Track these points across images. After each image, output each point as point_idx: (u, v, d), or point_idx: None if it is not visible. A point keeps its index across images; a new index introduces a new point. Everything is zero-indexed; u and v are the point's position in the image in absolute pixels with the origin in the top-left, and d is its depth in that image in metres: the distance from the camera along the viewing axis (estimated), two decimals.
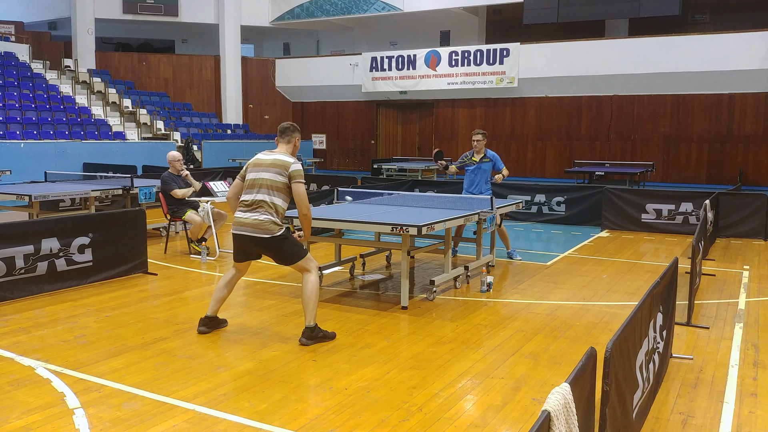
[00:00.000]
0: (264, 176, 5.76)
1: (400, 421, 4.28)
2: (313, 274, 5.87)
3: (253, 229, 5.73)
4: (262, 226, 5.71)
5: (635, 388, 3.78)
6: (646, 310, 3.99)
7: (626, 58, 22.05)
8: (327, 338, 5.92)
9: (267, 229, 5.71)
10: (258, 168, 5.83)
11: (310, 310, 5.83)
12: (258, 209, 5.73)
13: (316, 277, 5.90)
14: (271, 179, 5.74)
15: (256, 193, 5.76)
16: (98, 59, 27.47)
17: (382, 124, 28.28)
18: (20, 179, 16.35)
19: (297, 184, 5.72)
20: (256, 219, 5.72)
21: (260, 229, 5.71)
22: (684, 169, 22.31)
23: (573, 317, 6.79)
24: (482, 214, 7.97)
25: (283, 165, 5.75)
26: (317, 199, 11.83)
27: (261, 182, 5.76)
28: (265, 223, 5.70)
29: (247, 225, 5.75)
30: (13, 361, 5.33)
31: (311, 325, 5.85)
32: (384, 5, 26.30)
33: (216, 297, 6.14)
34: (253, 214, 5.74)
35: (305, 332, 5.85)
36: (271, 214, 5.72)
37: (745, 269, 9.28)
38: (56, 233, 7.60)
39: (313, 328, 5.85)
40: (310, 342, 5.80)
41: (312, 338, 5.83)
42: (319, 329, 5.90)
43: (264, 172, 5.78)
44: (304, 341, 5.80)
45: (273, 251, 5.86)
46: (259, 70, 29.74)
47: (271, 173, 5.75)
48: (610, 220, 12.79)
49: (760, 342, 6.00)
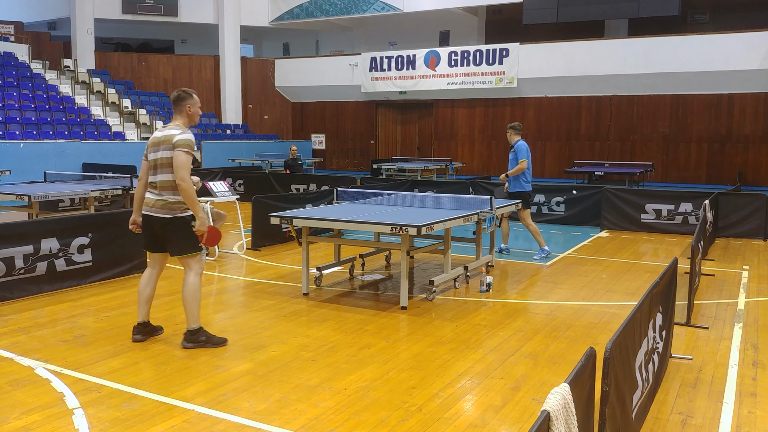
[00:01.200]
0: (160, 155, 5.59)
1: (400, 421, 4.28)
2: (194, 273, 5.70)
3: (155, 209, 5.61)
4: (163, 205, 5.58)
5: (635, 388, 3.78)
6: (645, 310, 4.00)
7: (625, 58, 22.05)
8: (211, 343, 5.72)
9: (168, 208, 5.58)
10: (154, 148, 5.65)
11: (191, 310, 5.67)
12: (161, 190, 5.59)
13: (199, 280, 5.72)
14: (165, 157, 5.55)
15: (157, 174, 5.61)
16: (98, 59, 27.47)
17: (381, 125, 28.28)
18: (20, 179, 16.34)
19: (177, 152, 5.47)
20: (158, 199, 5.59)
21: (162, 209, 5.58)
22: (683, 170, 22.32)
23: (572, 317, 6.79)
24: (481, 214, 7.97)
25: (168, 139, 5.54)
26: (317, 199, 11.82)
27: (159, 161, 5.60)
28: (167, 201, 5.57)
29: (150, 206, 5.63)
30: (13, 361, 5.33)
31: (193, 327, 5.71)
32: (383, 5, 26.30)
33: (141, 300, 5.88)
34: (159, 196, 5.60)
35: (186, 335, 5.74)
36: (174, 193, 5.55)
37: (745, 269, 9.28)
38: (56, 233, 7.60)
39: (196, 330, 5.72)
40: (191, 345, 5.67)
41: (193, 341, 5.69)
42: (203, 332, 5.76)
43: (158, 152, 5.60)
44: (185, 344, 5.70)
45: (171, 234, 5.64)
46: (259, 70, 29.74)
47: (164, 151, 5.56)
48: (609, 220, 12.79)
49: (760, 342, 6.00)
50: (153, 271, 5.93)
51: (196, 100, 5.75)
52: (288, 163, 19.06)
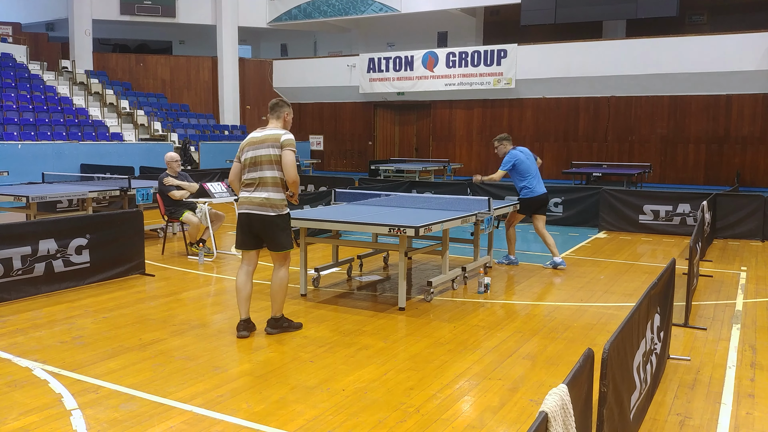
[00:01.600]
0: (261, 152, 5.87)
1: (398, 422, 4.28)
2: (285, 269, 6.08)
3: (259, 207, 5.86)
4: (267, 203, 5.86)
5: (633, 389, 3.79)
6: (643, 311, 4.00)
7: (624, 59, 22.08)
8: (292, 328, 6.21)
9: (273, 206, 5.87)
10: (253, 146, 5.93)
11: (277, 301, 6.11)
12: (262, 187, 5.87)
13: (287, 272, 6.12)
14: (268, 153, 5.85)
15: (258, 171, 5.88)
16: (96, 60, 27.46)
17: (379, 125, 28.28)
18: (18, 180, 16.35)
19: (286, 151, 5.81)
20: (260, 197, 5.86)
21: (266, 207, 5.86)
22: (681, 170, 22.34)
23: (570, 318, 6.79)
24: (479, 215, 7.97)
25: (275, 138, 5.86)
26: (315, 200, 11.82)
27: (260, 159, 5.87)
28: (271, 199, 5.86)
29: (254, 204, 5.88)
30: (11, 362, 5.33)
31: (277, 315, 6.16)
32: (381, 6, 26.31)
33: (241, 297, 6.10)
34: (259, 192, 5.87)
35: (270, 321, 6.17)
36: (277, 190, 5.87)
37: (743, 270, 9.29)
38: (54, 234, 7.59)
39: (279, 318, 6.17)
40: (275, 331, 6.10)
41: (277, 327, 6.13)
42: (284, 319, 6.20)
43: (260, 149, 5.87)
44: (269, 330, 6.12)
45: (271, 232, 5.93)
46: (257, 71, 29.74)
47: (267, 148, 5.85)
48: (607, 221, 12.80)
49: (758, 343, 6.01)
50: (249, 268, 6.17)
51: (291, 110, 6.16)
52: None
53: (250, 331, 6.13)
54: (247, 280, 6.11)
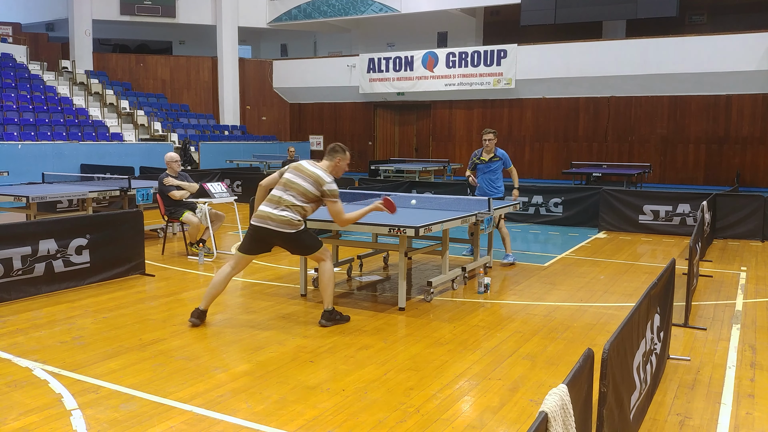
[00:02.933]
0: (300, 183, 6.24)
1: (398, 422, 4.28)
2: (327, 262, 6.43)
3: (278, 224, 6.17)
4: (287, 222, 6.18)
5: (632, 390, 3.79)
6: (643, 312, 4.00)
7: (623, 60, 22.09)
8: (343, 320, 6.47)
9: (291, 225, 6.19)
10: (297, 173, 6.31)
11: (327, 295, 6.42)
12: (285, 207, 6.19)
13: (331, 265, 6.47)
14: (305, 187, 6.23)
15: (286, 193, 6.24)
16: (96, 60, 27.47)
17: (379, 126, 28.29)
18: (18, 180, 16.36)
19: (330, 203, 6.25)
20: (281, 216, 6.18)
21: (285, 225, 6.18)
22: (681, 171, 22.35)
23: (570, 318, 6.79)
24: (479, 215, 7.97)
25: (318, 181, 6.23)
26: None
27: (295, 186, 6.24)
28: (291, 220, 6.18)
29: (273, 220, 6.19)
30: (11, 363, 5.33)
31: (329, 308, 6.42)
32: (381, 6, 26.32)
33: (210, 293, 6.40)
34: (280, 211, 6.19)
35: (324, 314, 6.42)
36: (297, 213, 6.21)
37: (743, 270, 9.29)
38: (54, 234, 7.59)
39: (331, 311, 6.42)
40: (329, 323, 6.37)
41: (330, 320, 6.39)
42: (336, 312, 6.45)
43: (301, 180, 6.25)
44: (323, 323, 6.38)
45: (292, 244, 6.36)
46: (257, 71, 29.74)
47: (307, 183, 6.23)
48: (607, 222, 12.80)
49: (758, 343, 6.01)
50: (232, 271, 6.47)
51: (347, 157, 6.55)
52: (286, 164, 19.04)
53: (202, 320, 6.40)
54: (224, 281, 6.41)
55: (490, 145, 9.68)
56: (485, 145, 9.70)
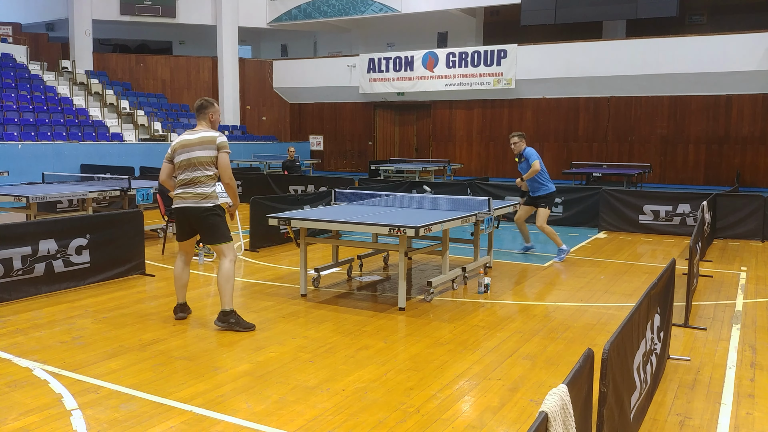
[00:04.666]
0: (196, 155, 6.10)
1: (398, 423, 4.28)
2: (229, 260, 6.21)
3: (193, 200, 6.13)
4: (201, 197, 6.12)
5: (633, 390, 3.79)
6: (643, 312, 4.00)
7: (623, 60, 22.09)
8: (240, 327, 6.18)
9: (207, 199, 6.13)
10: (187, 148, 6.15)
11: (225, 294, 6.18)
12: (197, 185, 6.12)
13: (232, 265, 6.23)
14: (203, 155, 6.10)
15: (192, 171, 6.13)
16: (96, 60, 27.46)
17: (379, 126, 28.28)
18: (18, 180, 16.36)
19: (223, 153, 6.10)
20: (195, 192, 6.12)
21: (200, 199, 6.12)
22: (681, 171, 22.35)
23: (570, 318, 6.79)
24: (479, 215, 7.97)
25: (210, 140, 6.10)
26: (315, 200, 11.82)
27: (195, 161, 6.11)
28: (205, 194, 6.12)
29: (188, 198, 6.14)
30: (11, 363, 5.33)
31: (226, 309, 6.19)
32: (381, 6, 26.31)
33: (178, 285, 6.56)
34: (194, 188, 6.13)
35: (219, 315, 6.24)
36: (209, 186, 6.15)
37: (743, 270, 9.29)
38: (54, 234, 7.59)
39: (228, 312, 6.19)
40: (223, 325, 6.18)
41: (224, 322, 6.18)
42: (234, 315, 6.21)
43: (195, 151, 6.11)
44: (217, 323, 6.23)
45: (205, 225, 6.19)
46: (257, 71, 29.74)
47: (201, 150, 6.09)
48: (607, 222, 12.80)
49: (758, 343, 6.01)
50: (185, 258, 6.55)
51: (217, 108, 6.36)
52: (286, 164, 19.07)
53: (187, 313, 6.62)
54: (184, 269, 6.51)
55: (515, 148, 9.90)
56: (512, 149, 9.99)
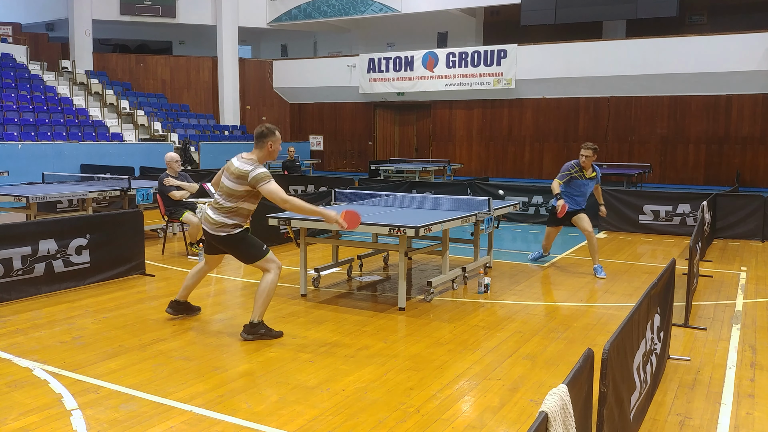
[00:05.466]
0: (225, 183, 6.01)
1: (398, 423, 4.28)
2: (271, 273, 6.05)
3: (213, 227, 6.01)
4: (219, 226, 5.98)
5: (633, 390, 3.79)
6: (643, 312, 4.00)
7: (623, 60, 22.09)
8: (269, 336, 6.03)
9: (224, 227, 5.97)
10: (226, 174, 6.03)
11: (258, 306, 6.02)
12: (218, 211, 6.00)
13: (275, 278, 6.05)
14: (229, 187, 5.95)
15: (219, 197, 6.05)
16: (96, 60, 27.46)
17: (379, 126, 28.28)
18: (18, 180, 16.36)
19: (263, 187, 5.81)
20: (216, 219, 5.98)
21: (219, 228, 5.99)
22: (681, 171, 22.35)
23: (570, 318, 6.79)
24: (479, 215, 7.97)
25: (241, 176, 5.87)
26: (315, 200, 11.82)
27: (223, 188, 6.02)
28: (224, 223, 5.96)
29: (210, 223, 6.04)
30: (11, 363, 5.33)
31: (255, 320, 6.02)
32: (381, 7, 26.31)
33: (186, 284, 6.58)
34: (217, 215, 6.00)
35: (245, 327, 6.05)
36: (229, 215, 5.94)
37: (743, 270, 9.29)
38: (54, 234, 7.59)
39: (257, 324, 6.03)
40: (250, 337, 5.99)
41: (252, 333, 6.00)
42: (262, 326, 6.05)
43: (228, 181, 5.98)
44: (244, 335, 6.00)
45: (231, 249, 6.13)
46: (257, 71, 29.74)
47: (232, 183, 5.93)
48: (607, 222, 12.79)
49: (758, 343, 6.01)
50: (205, 267, 6.55)
51: (278, 138, 6.08)
52: (286, 164, 19.06)
53: (178, 312, 6.60)
54: (197, 273, 6.53)
55: (587, 162, 8.85)
56: (583, 162, 8.86)
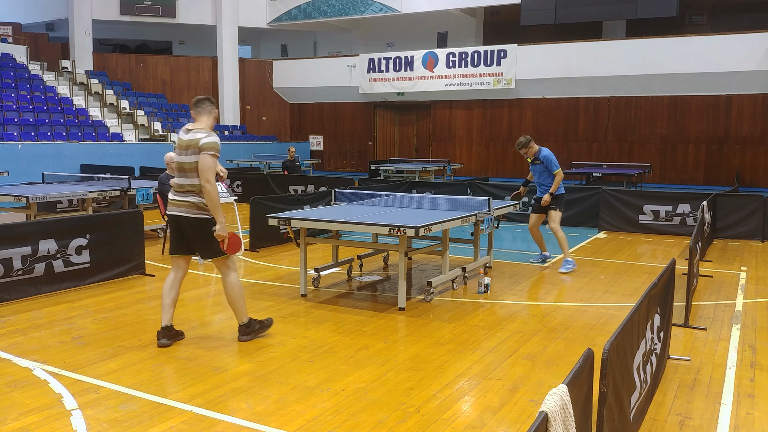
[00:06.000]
0: (186, 159, 5.64)
1: (398, 423, 4.28)
2: (232, 273, 5.82)
3: (185, 209, 5.65)
4: (192, 206, 5.63)
5: (633, 390, 3.79)
6: (643, 312, 4.00)
7: (623, 60, 22.08)
8: (264, 328, 6.06)
9: (198, 208, 5.63)
10: (180, 151, 5.70)
11: (237, 309, 5.90)
12: (187, 193, 5.66)
13: (236, 277, 5.85)
14: (190, 162, 5.61)
15: (186, 178, 5.66)
16: (96, 60, 27.45)
17: (379, 126, 28.28)
18: (18, 180, 16.36)
19: (204, 155, 5.51)
20: (186, 200, 5.65)
21: (191, 209, 5.63)
22: (681, 171, 22.35)
23: (570, 318, 6.79)
24: (479, 215, 7.97)
25: (195, 144, 5.57)
26: (315, 200, 11.82)
27: (186, 166, 5.64)
28: (196, 203, 5.63)
29: (180, 206, 5.68)
30: (11, 363, 5.33)
31: (244, 321, 5.93)
32: (381, 6, 26.31)
33: (165, 303, 5.83)
34: (184, 197, 5.67)
35: (240, 329, 5.95)
36: (196, 195, 5.63)
37: (743, 270, 9.29)
38: (54, 234, 7.60)
39: (247, 323, 5.95)
40: (248, 338, 5.93)
41: (248, 333, 5.95)
42: (254, 322, 5.99)
43: (184, 156, 5.64)
44: (241, 338, 5.94)
45: (198, 235, 5.71)
46: (257, 71, 29.73)
47: (188, 156, 5.61)
48: (607, 222, 12.80)
49: (758, 343, 6.01)
50: (177, 274, 5.90)
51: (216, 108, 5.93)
52: (286, 164, 19.06)
53: (173, 340, 5.84)
54: (173, 287, 5.83)
55: (530, 152, 9.31)
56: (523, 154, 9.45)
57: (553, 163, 9.31)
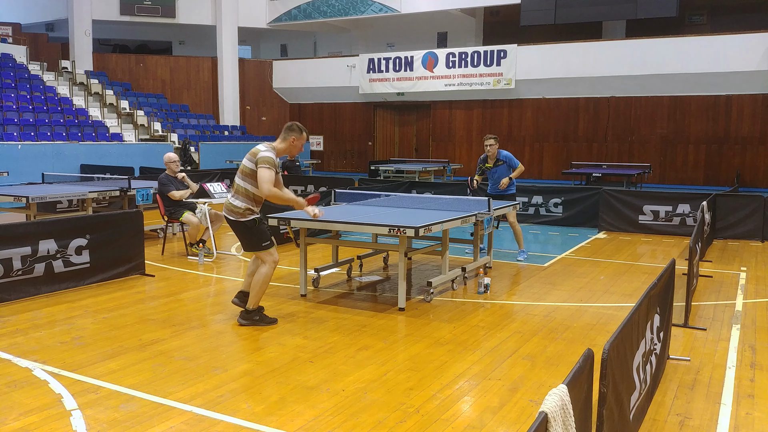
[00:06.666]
0: (243, 162, 6.29)
1: (398, 423, 4.28)
2: (266, 266, 6.32)
3: (226, 211, 6.33)
4: (231, 209, 6.27)
5: (632, 390, 3.79)
6: (643, 312, 4.00)
7: (623, 60, 22.09)
8: (264, 323, 6.41)
9: (233, 211, 6.25)
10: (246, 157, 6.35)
11: (252, 295, 6.38)
12: (234, 194, 6.31)
13: (270, 271, 6.34)
14: (244, 165, 6.24)
15: (236, 177, 6.33)
16: (95, 61, 27.46)
17: (379, 126, 28.28)
18: (17, 180, 16.36)
19: (260, 168, 6.09)
20: (230, 202, 6.30)
21: (230, 212, 6.28)
22: (681, 171, 22.35)
23: (570, 319, 6.79)
24: (479, 215, 7.97)
25: (254, 153, 6.21)
26: None
27: (241, 168, 6.29)
28: (236, 207, 6.23)
29: (225, 207, 6.36)
30: (11, 363, 5.33)
31: (250, 308, 6.42)
32: (381, 7, 26.32)
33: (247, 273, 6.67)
34: (230, 198, 6.34)
35: (242, 313, 6.46)
36: (239, 199, 6.22)
37: (743, 270, 9.29)
38: (54, 235, 7.59)
39: (251, 311, 6.42)
40: (246, 322, 6.37)
41: (247, 319, 6.39)
42: (256, 313, 6.43)
43: (245, 160, 6.28)
44: (240, 321, 6.41)
45: (238, 234, 6.39)
46: (257, 71, 29.74)
47: (247, 161, 6.24)
48: (607, 222, 12.80)
49: (757, 343, 6.01)
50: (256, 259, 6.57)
51: (303, 137, 6.40)
52: (286, 164, 19.02)
53: (242, 301, 6.55)
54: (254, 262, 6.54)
55: (492, 150, 9.83)
56: (487, 152, 9.89)
57: (515, 159, 9.85)
